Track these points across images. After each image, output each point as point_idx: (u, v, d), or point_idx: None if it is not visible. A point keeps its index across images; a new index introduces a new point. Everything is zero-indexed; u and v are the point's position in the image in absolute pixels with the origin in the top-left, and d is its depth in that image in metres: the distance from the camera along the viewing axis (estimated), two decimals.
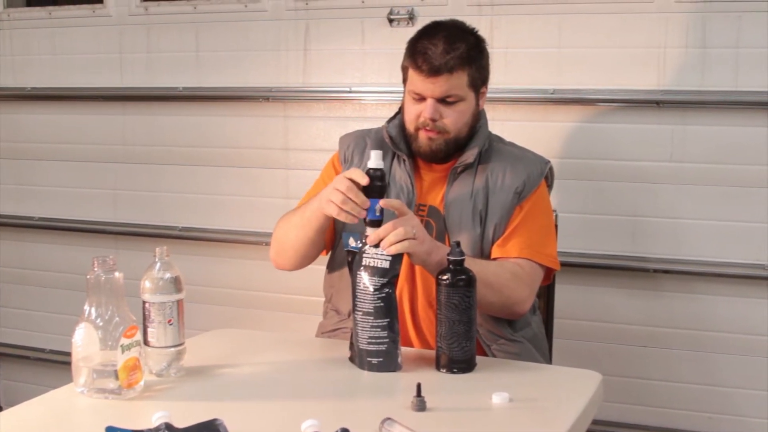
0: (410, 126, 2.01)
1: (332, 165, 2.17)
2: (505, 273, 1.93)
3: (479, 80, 2.01)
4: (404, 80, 2.05)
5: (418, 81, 1.96)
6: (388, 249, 1.73)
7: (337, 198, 1.77)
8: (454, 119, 1.98)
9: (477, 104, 2.03)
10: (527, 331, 2.07)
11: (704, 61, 2.51)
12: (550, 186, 2.15)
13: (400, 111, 2.08)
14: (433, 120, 1.96)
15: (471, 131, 2.03)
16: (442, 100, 1.96)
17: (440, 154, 2.01)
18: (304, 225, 1.96)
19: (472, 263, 1.76)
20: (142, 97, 3.16)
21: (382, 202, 1.76)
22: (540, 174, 2.05)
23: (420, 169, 2.07)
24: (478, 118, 2.05)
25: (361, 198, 1.76)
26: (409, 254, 1.77)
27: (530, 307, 2.00)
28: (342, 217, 1.78)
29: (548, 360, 2.17)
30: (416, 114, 1.99)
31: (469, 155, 2.01)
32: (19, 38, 3.31)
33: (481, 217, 1.99)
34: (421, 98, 1.98)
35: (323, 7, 2.89)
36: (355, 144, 2.13)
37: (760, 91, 2.46)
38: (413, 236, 1.74)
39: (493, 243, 2.00)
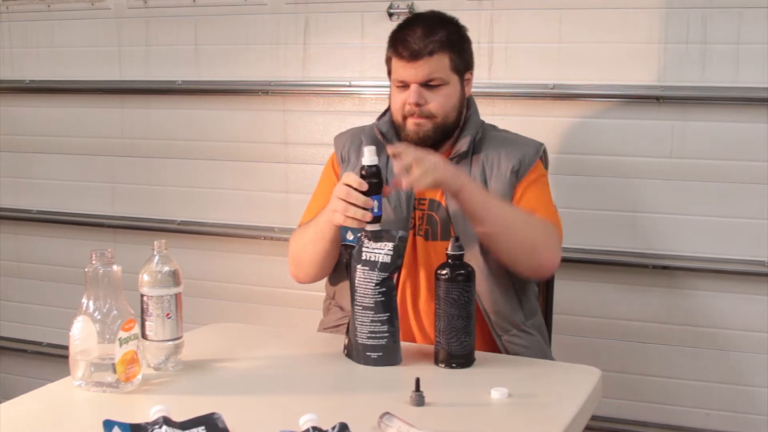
0: (397, 115, 2.02)
1: (331, 166, 2.18)
2: (535, 219, 1.95)
3: (462, 65, 2.02)
4: (389, 73, 2.06)
5: (400, 68, 1.98)
6: (418, 184, 1.79)
7: (340, 206, 1.77)
8: (439, 103, 1.98)
9: (462, 90, 2.04)
10: (537, 319, 2.07)
11: (705, 57, 2.51)
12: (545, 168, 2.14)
13: (390, 108, 2.08)
14: (418, 105, 1.97)
15: (459, 117, 2.03)
16: (426, 85, 1.97)
17: (429, 141, 2.00)
18: (319, 238, 1.94)
19: (499, 204, 1.89)
20: (140, 90, 3.15)
21: (389, 149, 1.86)
22: (535, 154, 2.06)
23: None
24: (466, 106, 2.06)
25: (362, 199, 1.76)
26: (440, 184, 1.84)
27: (557, 265, 1.98)
28: (349, 223, 1.77)
29: (549, 335, 2.19)
30: (402, 102, 1.99)
31: (463, 144, 2.02)
32: (17, 30, 3.30)
33: None
34: (406, 86, 1.99)
35: (323, 0, 2.88)
36: (351, 142, 2.14)
37: (760, 87, 2.45)
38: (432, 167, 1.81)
39: None
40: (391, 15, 2.76)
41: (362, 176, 1.77)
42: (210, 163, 3.10)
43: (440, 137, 2.02)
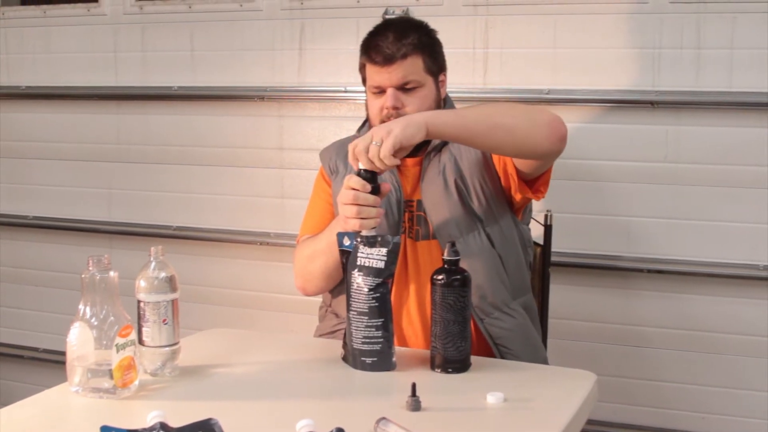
0: (375, 121, 2.01)
1: (322, 178, 2.18)
2: (508, 103, 1.93)
3: (435, 67, 2.03)
4: (364, 81, 2.07)
5: (374, 73, 1.99)
6: (383, 157, 1.71)
7: (352, 211, 1.77)
8: (416, 106, 1.98)
9: (438, 91, 2.04)
10: (525, 299, 2.07)
11: (699, 62, 2.52)
12: None
13: (368, 116, 2.09)
14: (396, 108, 1.97)
15: None
16: (402, 89, 1.98)
17: None
18: (332, 250, 1.91)
19: (469, 109, 1.84)
20: (136, 96, 3.15)
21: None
22: None
23: (400, 167, 2.06)
24: (442, 106, 2.06)
25: (370, 199, 1.76)
26: (402, 144, 1.73)
27: (563, 123, 1.89)
28: (366, 226, 1.77)
29: (544, 338, 2.17)
30: (379, 107, 1.99)
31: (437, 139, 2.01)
32: (13, 37, 3.31)
33: (457, 185, 1.99)
34: (382, 91, 1.99)
35: (318, 6, 2.89)
36: (336, 154, 2.14)
37: (754, 92, 2.46)
38: (374, 140, 1.72)
39: (484, 193, 2.00)
40: None
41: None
42: (206, 168, 3.10)
43: None
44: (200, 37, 3.05)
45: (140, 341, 1.66)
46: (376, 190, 1.78)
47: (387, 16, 2.76)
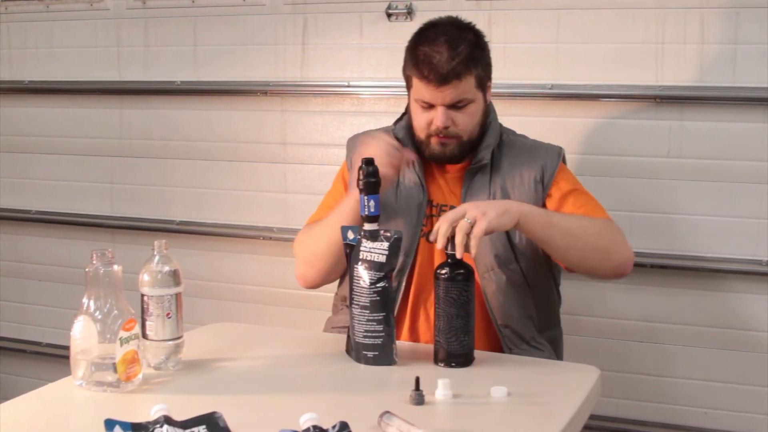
0: (421, 134, 1.99)
1: (341, 174, 2.16)
2: (598, 221, 1.89)
3: (485, 77, 2.00)
4: (408, 87, 2.02)
5: (425, 90, 1.93)
6: (474, 250, 1.69)
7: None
8: (465, 123, 1.96)
9: (485, 101, 2.02)
10: (552, 332, 2.07)
11: (702, 57, 2.51)
12: None
13: (407, 111, 2.07)
14: (446, 127, 1.94)
15: (482, 130, 2.02)
16: (452, 106, 1.94)
17: (455, 158, 2.00)
18: (343, 220, 1.88)
19: (561, 217, 1.83)
20: (139, 91, 3.15)
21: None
22: (557, 158, 2.05)
23: (433, 170, 2.06)
24: (487, 114, 2.04)
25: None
26: (493, 230, 1.73)
27: (633, 258, 1.94)
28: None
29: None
30: (426, 122, 1.97)
31: (484, 155, 2.00)
32: (16, 31, 3.30)
33: None
34: (430, 106, 1.95)
35: (321, 1, 2.89)
36: (357, 148, 2.11)
37: (758, 87, 2.46)
38: (467, 217, 1.70)
39: (522, 238, 1.98)
40: (389, 15, 2.77)
41: (360, 175, 1.77)
42: (209, 163, 3.10)
43: (466, 152, 2.01)
44: (203, 31, 3.05)
45: (144, 335, 1.67)
46: (376, 185, 1.77)
47: (390, 11, 2.75)
